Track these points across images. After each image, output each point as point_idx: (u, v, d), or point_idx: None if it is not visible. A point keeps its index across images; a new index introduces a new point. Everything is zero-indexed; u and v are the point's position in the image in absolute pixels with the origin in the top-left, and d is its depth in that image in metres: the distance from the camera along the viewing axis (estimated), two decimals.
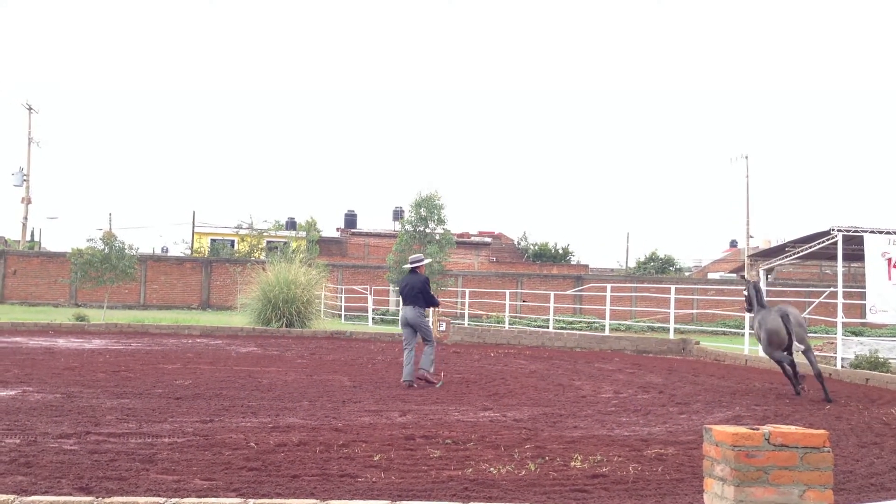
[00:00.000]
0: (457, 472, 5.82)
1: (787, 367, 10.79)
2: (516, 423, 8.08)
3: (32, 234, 48.22)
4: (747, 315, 13.66)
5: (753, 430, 4.14)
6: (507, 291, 26.42)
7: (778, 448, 4.08)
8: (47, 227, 78.84)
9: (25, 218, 45.43)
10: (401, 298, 11.72)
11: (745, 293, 11.74)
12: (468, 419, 8.27)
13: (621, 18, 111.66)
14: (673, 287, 20.23)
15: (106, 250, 23.96)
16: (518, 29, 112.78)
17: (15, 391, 9.10)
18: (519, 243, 54.47)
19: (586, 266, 49.66)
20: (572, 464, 6.16)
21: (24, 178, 44.93)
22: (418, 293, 11.41)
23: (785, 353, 10.61)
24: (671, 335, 19.88)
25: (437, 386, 10.96)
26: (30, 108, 45.63)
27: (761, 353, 13.24)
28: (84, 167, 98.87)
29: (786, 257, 16.39)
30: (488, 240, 52.33)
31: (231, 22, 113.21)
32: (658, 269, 48.97)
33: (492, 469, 5.90)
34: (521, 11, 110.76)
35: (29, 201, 45.23)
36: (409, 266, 12.01)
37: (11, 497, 4.24)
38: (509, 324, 25.51)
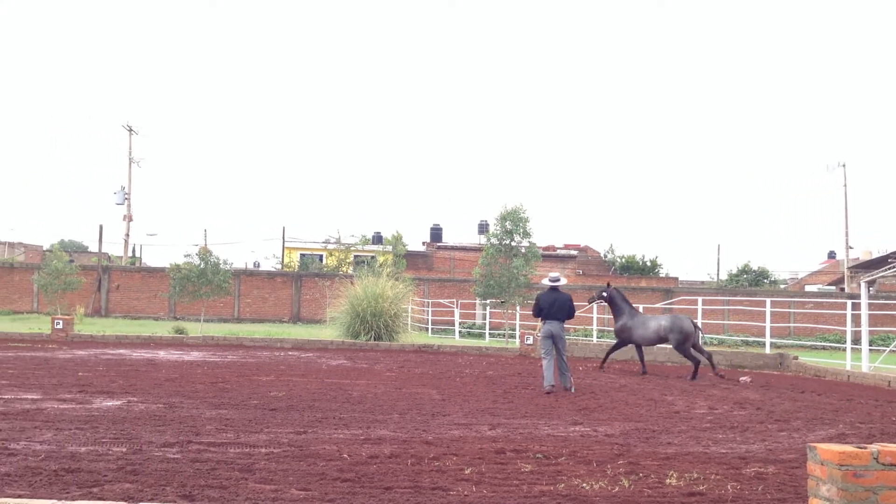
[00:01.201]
0: (549, 487, 5.78)
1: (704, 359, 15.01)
2: (608, 439, 7.97)
3: (134, 251, 50.28)
4: (594, 314, 15.84)
5: (861, 448, 3.99)
6: (595, 304, 26.11)
7: (887, 467, 3.92)
8: (147, 244, 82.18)
9: (127, 235, 47.38)
10: (543, 313, 12.84)
11: (601, 297, 15.69)
12: (558, 433, 8.21)
13: (715, 25, 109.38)
14: (768, 300, 19.59)
15: (202, 265, 24.76)
16: (603, 41, 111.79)
17: (120, 401, 9.48)
18: (605, 256, 53.79)
19: (675, 279, 48.66)
20: (667, 481, 6.04)
21: (126, 196, 46.88)
22: (568, 309, 12.82)
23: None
24: (767, 350, 19.28)
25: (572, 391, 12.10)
26: (130, 130, 47.64)
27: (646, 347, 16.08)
28: (180, 185, 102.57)
29: (890, 268, 15.71)
30: (574, 252, 51.87)
31: (318, 41, 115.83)
32: (751, 281, 47.59)
33: (584, 485, 5.84)
34: (617, 21, 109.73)
35: (130, 219, 47.16)
36: (549, 284, 13.13)
37: None
38: (597, 337, 25.18)
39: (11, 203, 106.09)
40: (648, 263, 51.39)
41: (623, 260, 51.85)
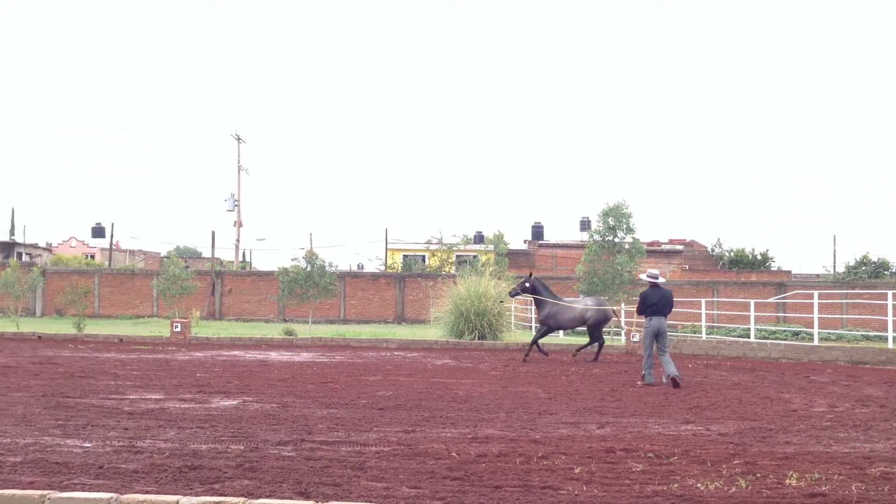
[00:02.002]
0: (661, 486, 5.67)
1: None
2: (722, 438, 7.75)
3: (244, 255, 52.06)
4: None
5: None
6: (703, 300, 25.42)
7: None
8: (256, 248, 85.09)
9: (237, 240, 49.11)
10: (650, 310, 13.08)
11: (525, 289, 16.63)
12: (669, 432, 8.04)
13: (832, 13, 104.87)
14: (890, 293, 18.59)
15: (309, 268, 25.39)
16: (701, 29, 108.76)
17: (237, 401, 9.84)
18: (713, 250, 52.27)
19: (788, 272, 46.86)
20: (787, 481, 5.83)
21: (236, 203, 48.59)
22: (671, 304, 13.18)
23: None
24: (890, 344, 18.33)
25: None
26: (238, 139, 49.37)
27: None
28: (286, 190, 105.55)
29: None
30: (680, 247, 50.63)
31: (417, 45, 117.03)
32: (871, 273, 45.34)
33: (699, 485, 5.70)
34: (724, 5, 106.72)
35: (240, 224, 48.86)
36: (651, 280, 13.40)
37: (241, 500, 4.59)
38: (706, 334, 24.52)
39: (132, 212, 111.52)
40: (759, 257, 49.64)
41: (732, 254, 50.27)
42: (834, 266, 49.91)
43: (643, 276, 13.85)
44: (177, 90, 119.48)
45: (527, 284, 17.05)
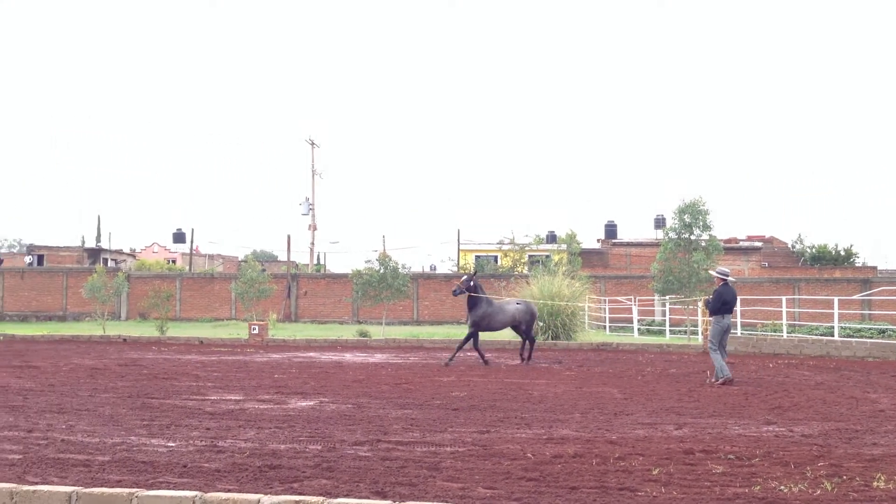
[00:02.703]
0: (743, 489, 5.54)
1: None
2: (805, 439, 7.53)
3: (318, 258, 52.88)
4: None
5: None
6: (784, 298, 24.72)
7: None
8: (330, 251, 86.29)
9: (312, 243, 49.89)
10: (725, 308, 12.97)
11: (470, 287, 15.82)
12: (750, 433, 7.85)
13: None
14: None
15: (382, 270, 25.63)
16: (782, 20, 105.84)
17: (313, 402, 10.00)
18: (793, 246, 50.80)
19: (874, 268, 45.20)
20: (874, 484, 5.64)
21: (310, 207, 49.36)
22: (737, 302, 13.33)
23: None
24: None
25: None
26: (312, 143, 50.14)
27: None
28: (359, 194, 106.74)
29: None
30: (758, 244, 49.34)
31: (486, 47, 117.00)
32: None
33: (782, 487, 5.55)
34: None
35: (315, 228, 49.62)
36: (725, 278, 13.24)
37: (321, 499, 4.67)
38: (787, 332, 23.84)
39: (211, 217, 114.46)
40: (842, 253, 48.02)
41: (813, 250, 48.76)
42: None
43: (714, 273, 13.69)
44: (253, 97, 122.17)
45: (471, 283, 16.15)
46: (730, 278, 13.31)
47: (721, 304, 12.89)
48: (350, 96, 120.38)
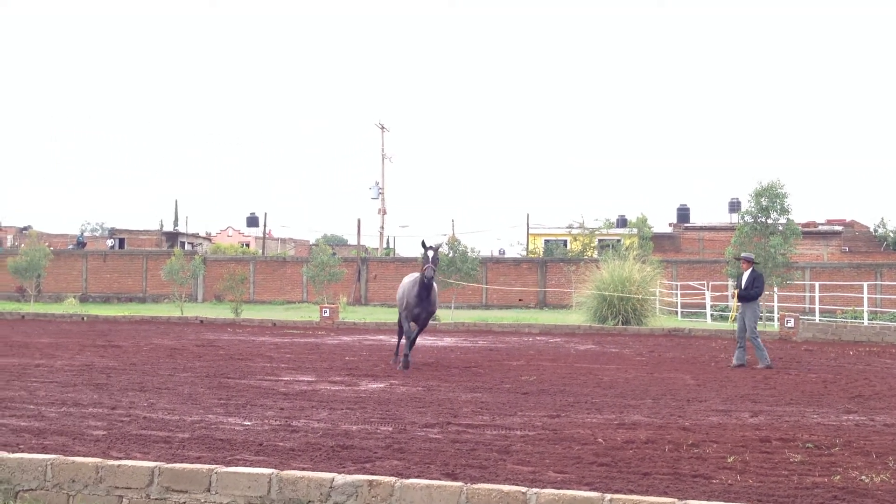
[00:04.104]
0: (822, 478, 5.41)
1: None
2: (888, 429, 7.30)
3: (388, 242, 53.27)
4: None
5: None
6: (865, 284, 23.93)
7: None
8: (399, 235, 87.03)
9: (382, 227, 50.31)
10: (758, 293, 13.25)
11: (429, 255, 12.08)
12: (829, 422, 7.64)
13: None
14: None
15: (451, 254, 25.69)
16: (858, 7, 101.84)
17: (384, 384, 10.12)
18: (876, 230, 49.01)
19: None
20: None
21: (380, 191, 49.76)
22: None
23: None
24: None
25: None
26: (382, 128, 50.47)
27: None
28: (429, 178, 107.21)
29: None
30: (838, 228, 47.77)
31: (559, 33, 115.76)
32: None
33: (863, 477, 5.40)
34: None
35: (384, 212, 50.02)
36: (751, 261, 13.45)
37: (393, 479, 4.72)
38: (868, 319, 23.08)
39: (283, 201, 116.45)
40: None
41: None
42: None
43: (743, 256, 13.84)
44: (324, 81, 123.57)
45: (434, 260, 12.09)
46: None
47: (761, 288, 13.25)
48: (420, 80, 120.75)
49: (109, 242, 51.53)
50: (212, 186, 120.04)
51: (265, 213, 50.51)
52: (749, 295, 12.98)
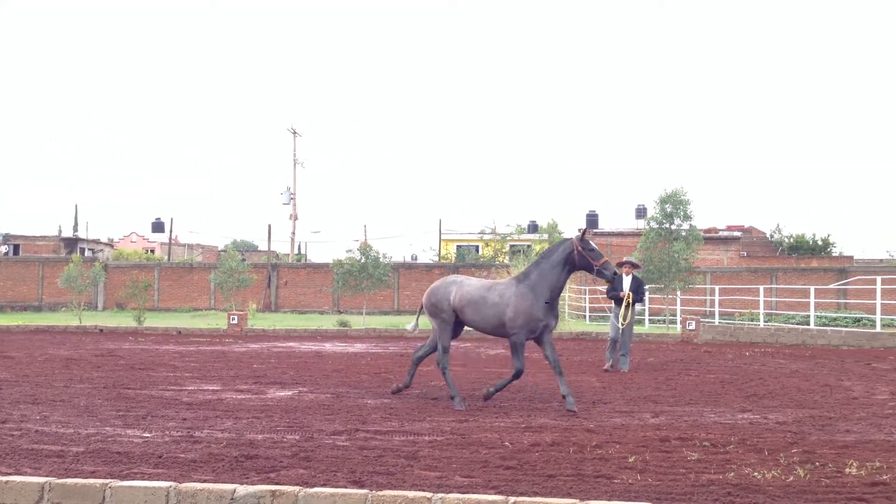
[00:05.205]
0: (717, 475, 5.60)
1: None
2: (780, 426, 7.61)
3: (299, 248, 52.68)
4: None
5: None
6: (761, 287, 24.94)
7: None
8: (311, 241, 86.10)
9: (293, 233, 49.67)
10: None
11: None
12: (725, 421, 7.92)
13: None
14: None
15: (363, 260, 25.54)
16: (754, 13, 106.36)
17: (292, 392, 9.98)
18: (772, 236, 51.15)
19: (850, 258, 45.61)
20: (847, 470, 5.71)
21: (291, 196, 49.12)
22: None
23: None
24: None
25: None
26: (294, 133, 49.87)
27: None
28: (341, 183, 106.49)
29: None
30: (738, 234, 49.63)
31: (468, 36, 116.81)
32: None
33: (756, 474, 5.61)
34: None
35: (296, 218, 49.41)
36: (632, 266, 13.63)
37: (297, 489, 4.66)
38: (764, 321, 24.06)
39: (190, 207, 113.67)
40: (820, 242, 48.43)
41: (791, 240, 49.15)
42: None
43: (629, 260, 14.00)
44: (234, 85, 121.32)
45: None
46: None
47: (643, 295, 13.40)
48: (332, 85, 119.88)
49: (3, 248, 49.28)
50: (115, 191, 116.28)
51: (171, 219, 49.22)
52: (640, 297, 13.30)
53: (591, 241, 9.28)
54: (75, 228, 58.31)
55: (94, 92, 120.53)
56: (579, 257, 9.06)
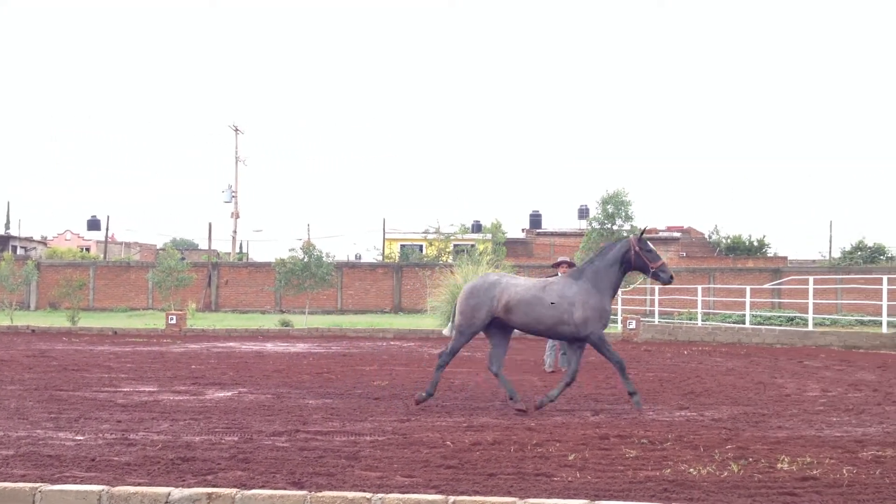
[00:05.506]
0: (654, 472, 5.68)
1: None
2: (715, 423, 7.77)
3: (241, 247, 52.00)
4: None
5: None
6: (699, 287, 25.46)
7: None
8: (253, 240, 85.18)
9: (234, 231, 49.08)
10: None
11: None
12: (663, 419, 8.06)
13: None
14: (885, 277, 18.64)
15: (306, 259, 25.37)
16: (696, 16, 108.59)
17: (231, 392, 9.83)
18: (710, 237, 52.31)
19: (784, 258, 46.88)
20: (779, 465, 5.85)
21: (233, 194, 48.51)
22: None
23: None
24: (884, 329, 18.38)
25: None
26: (236, 130, 49.25)
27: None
28: (284, 181, 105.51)
29: None
30: (677, 235, 50.67)
31: (411, 35, 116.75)
32: (867, 258, 45.41)
33: (691, 470, 5.71)
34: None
35: (237, 216, 48.81)
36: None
37: (234, 491, 4.59)
38: (702, 320, 24.57)
39: (128, 205, 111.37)
40: (755, 243, 49.67)
41: (728, 240, 50.31)
42: (830, 251, 50.01)
43: (565, 259, 13.27)
44: (173, 81, 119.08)
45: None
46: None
47: None
48: (275, 83, 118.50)
49: None
50: (49, 188, 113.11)
51: (108, 216, 48.27)
52: None
53: (648, 242, 8.99)
54: (7, 226, 56.63)
55: (27, 87, 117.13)
56: (636, 257, 8.71)
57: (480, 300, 8.76)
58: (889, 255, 47.06)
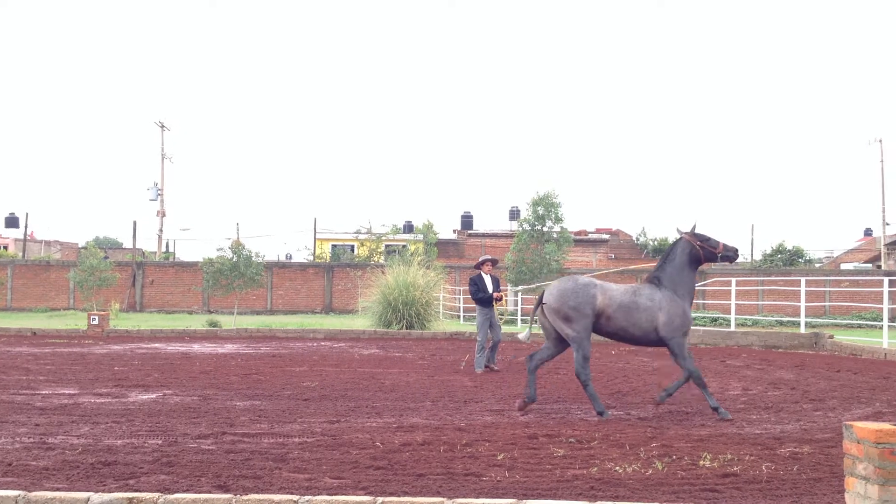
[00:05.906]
0: (582, 470, 5.76)
1: None
2: (641, 422, 7.93)
3: (167, 246, 50.86)
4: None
5: None
6: None
7: None
8: (180, 239, 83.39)
9: (160, 230, 47.93)
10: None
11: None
12: (590, 418, 8.18)
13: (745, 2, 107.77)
14: (803, 279, 19.29)
15: (235, 259, 24.98)
16: (629, 23, 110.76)
17: (156, 394, 9.61)
18: (638, 239, 53.37)
19: None
20: (701, 463, 6.00)
21: (159, 192, 47.37)
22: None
23: None
24: (802, 329, 19.03)
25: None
26: (162, 126, 48.10)
27: None
28: (212, 180, 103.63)
29: None
30: (606, 237, 51.52)
31: (345, 33, 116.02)
32: (786, 261, 46.96)
33: (617, 468, 5.81)
34: (648, 5, 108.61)
35: (163, 214, 47.68)
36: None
37: (156, 495, 4.48)
38: None
39: (46, 201, 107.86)
40: None
41: (656, 242, 51.41)
42: (751, 254, 51.52)
43: (488, 258, 13.41)
44: (97, 75, 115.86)
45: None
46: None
47: (479, 292, 13.05)
48: (202, 79, 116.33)
49: None
50: None
51: (27, 214, 46.61)
52: (488, 298, 13.01)
53: (701, 232, 8.99)
54: None
55: None
56: (703, 251, 8.77)
57: (581, 301, 8.46)
58: (807, 258, 48.77)
